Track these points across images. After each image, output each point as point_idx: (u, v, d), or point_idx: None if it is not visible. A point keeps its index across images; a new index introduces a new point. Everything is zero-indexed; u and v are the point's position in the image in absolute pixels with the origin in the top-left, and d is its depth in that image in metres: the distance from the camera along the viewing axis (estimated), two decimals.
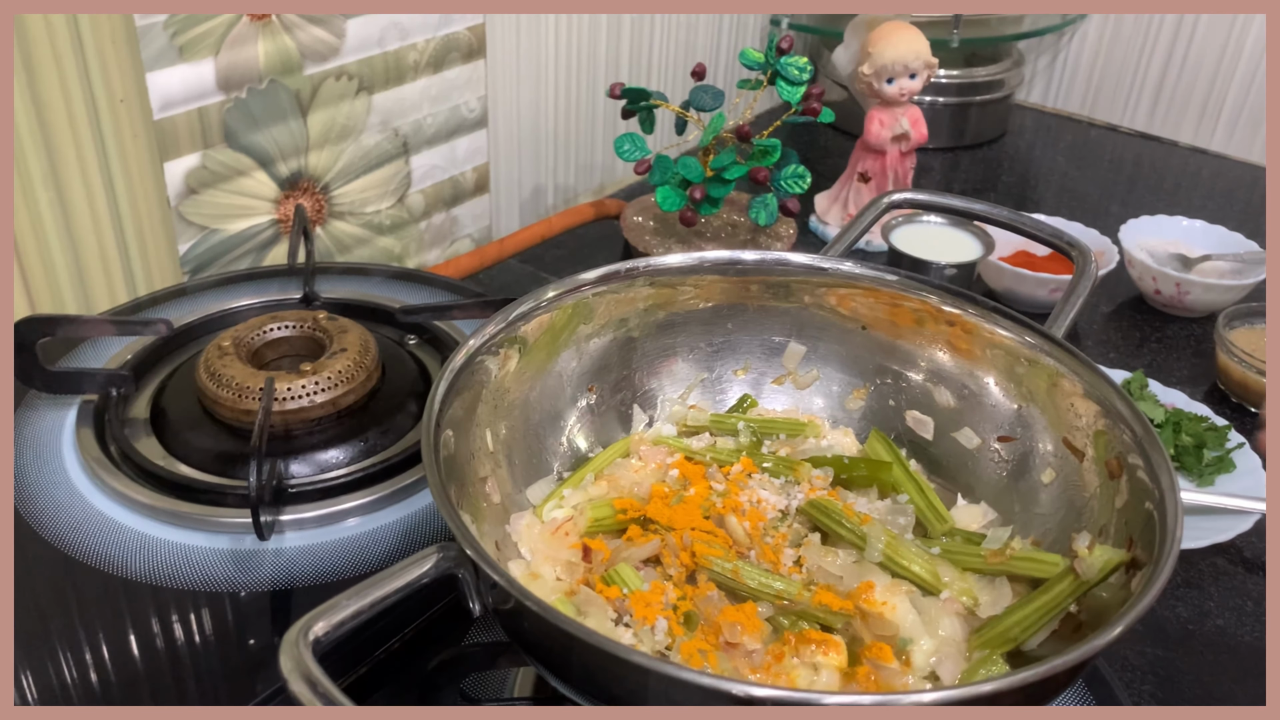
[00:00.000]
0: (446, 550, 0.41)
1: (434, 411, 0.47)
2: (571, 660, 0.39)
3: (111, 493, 0.61)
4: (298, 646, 0.35)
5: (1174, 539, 0.42)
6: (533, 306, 0.56)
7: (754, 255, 0.59)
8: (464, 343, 0.52)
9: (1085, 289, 0.60)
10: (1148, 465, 0.47)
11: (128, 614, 0.55)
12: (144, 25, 0.76)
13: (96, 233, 0.79)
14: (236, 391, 0.64)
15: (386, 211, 1.00)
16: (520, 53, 1.06)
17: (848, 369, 0.62)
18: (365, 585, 0.39)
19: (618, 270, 0.58)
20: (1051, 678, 0.38)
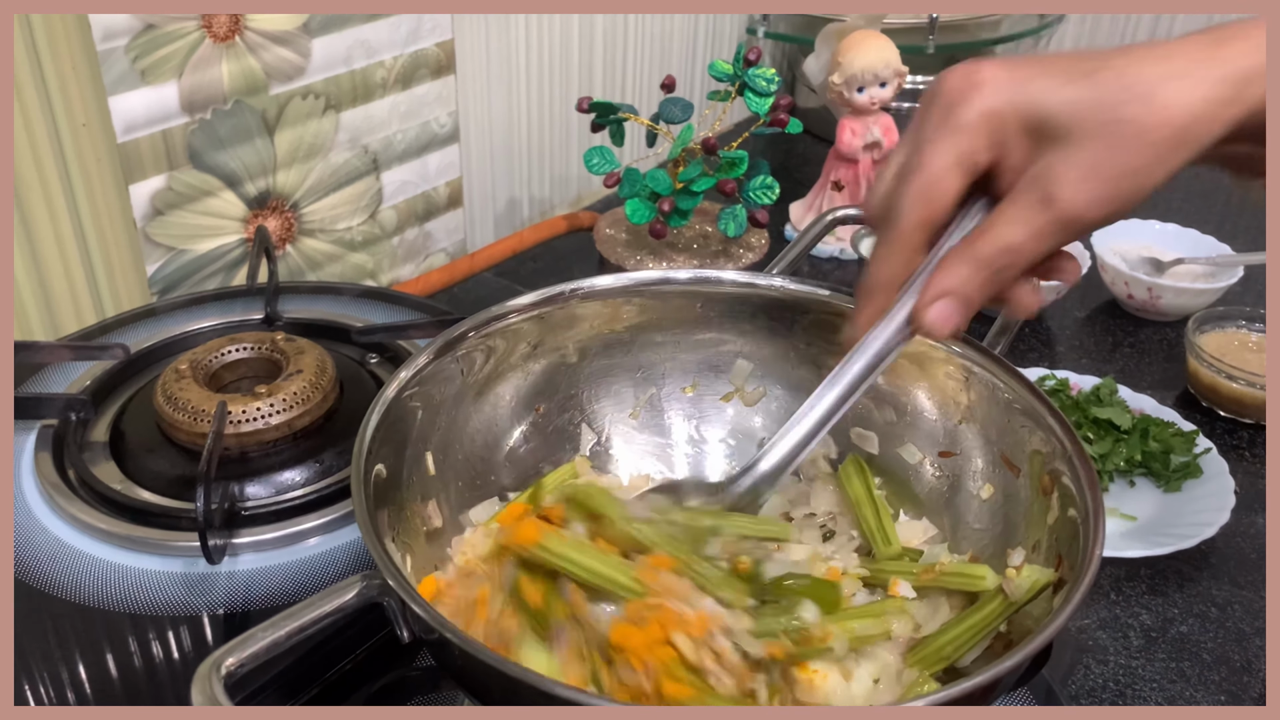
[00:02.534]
0: (370, 579, 0.41)
1: (364, 445, 0.48)
2: (493, 690, 0.39)
3: (67, 517, 0.62)
4: (209, 680, 0.35)
5: (1093, 558, 0.42)
6: (468, 330, 0.56)
7: (686, 274, 0.59)
8: (395, 374, 0.52)
9: None
10: (1076, 483, 0.47)
11: (80, 639, 0.55)
12: (105, 49, 0.76)
13: (62, 257, 0.80)
14: (192, 415, 0.64)
15: (358, 228, 1.00)
16: (491, 68, 1.07)
17: (792, 385, 0.62)
18: (282, 616, 0.39)
19: (551, 294, 0.58)
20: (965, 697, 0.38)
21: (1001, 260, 0.44)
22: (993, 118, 0.43)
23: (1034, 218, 0.43)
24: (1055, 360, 0.98)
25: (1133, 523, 0.78)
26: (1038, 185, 0.43)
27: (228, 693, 0.35)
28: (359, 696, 0.54)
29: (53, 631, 0.56)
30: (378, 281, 1.04)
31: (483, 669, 0.37)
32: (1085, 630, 0.70)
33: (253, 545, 0.61)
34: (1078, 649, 0.69)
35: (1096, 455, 0.81)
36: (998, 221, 0.44)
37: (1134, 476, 0.82)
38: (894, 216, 0.46)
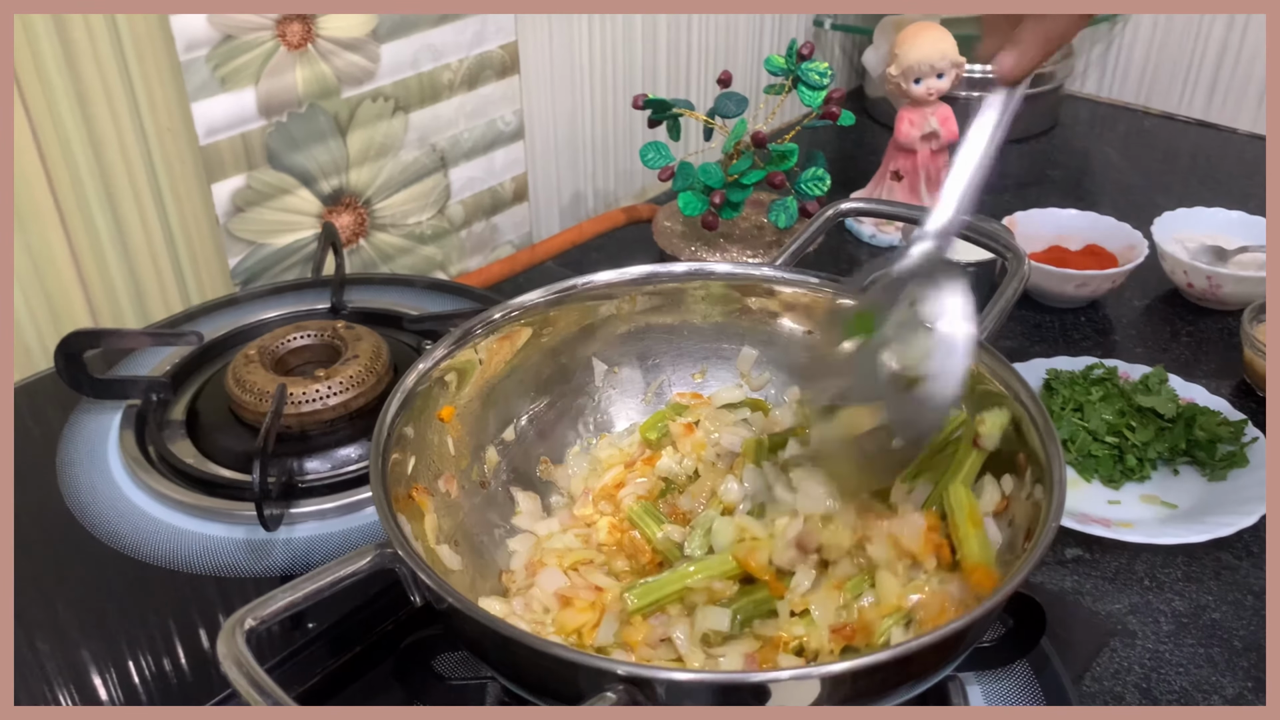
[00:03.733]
0: (384, 548, 0.46)
1: (383, 428, 0.52)
2: (487, 650, 0.43)
3: (147, 489, 0.68)
4: (232, 635, 0.40)
5: (1051, 523, 0.45)
6: (482, 323, 0.61)
7: (683, 266, 0.63)
8: (415, 364, 0.57)
9: (1013, 291, 0.61)
10: (1046, 460, 0.49)
11: (155, 597, 0.62)
12: (187, 59, 0.83)
13: (151, 251, 0.87)
14: (258, 396, 0.70)
15: (427, 222, 1.06)
16: (554, 67, 1.11)
17: (795, 372, 0.65)
18: (301, 580, 0.44)
19: (561, 289, 0.62)
20: (941, 643, 0.40)
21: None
22: None
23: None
24: (1111, 349, 0.98)
25: (1173, 510, 0.79)
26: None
27: (250, 647, 0.40)
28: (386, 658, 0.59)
29: (136, 590, 0.62)
30: (447, 273, 1.09)
31: (477, 628, 0.41)
32: (1114, 615, 0.71)
33: (311, 515, 0.66)
34: (1105, 632, 0.70)
35: (1138, 443, 0.82)
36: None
37: (1178, 465, 0.82)
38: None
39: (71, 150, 0.79)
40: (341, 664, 0.58)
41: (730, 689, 0.40)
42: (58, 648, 0.58)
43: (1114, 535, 0.74)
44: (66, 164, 0.79)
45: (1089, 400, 0.85)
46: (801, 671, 0.40)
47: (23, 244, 0.79)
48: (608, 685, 0.38)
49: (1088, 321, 1.01)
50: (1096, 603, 0.72)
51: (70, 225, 0.81)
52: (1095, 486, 0.81)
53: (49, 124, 0.77)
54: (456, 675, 0.57)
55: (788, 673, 0.40)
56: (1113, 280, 1.00)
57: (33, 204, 0.79)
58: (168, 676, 0.56)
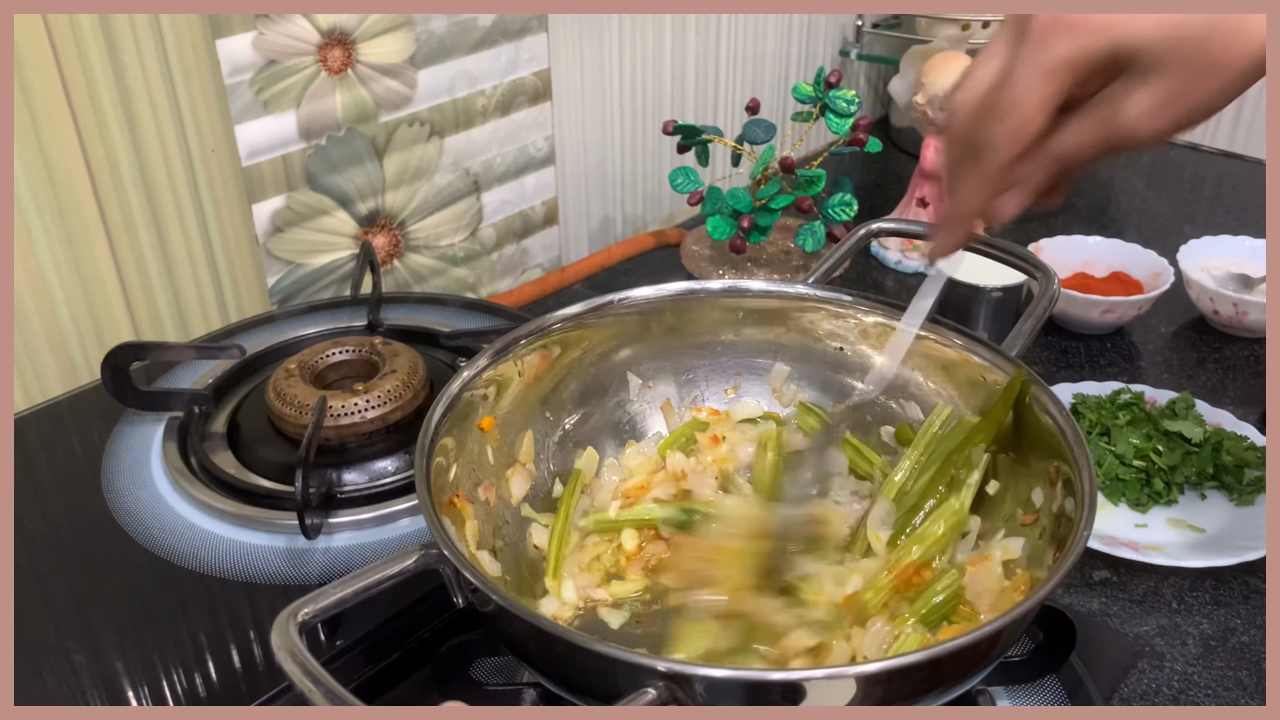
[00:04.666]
0: (429, 548, 0.47)
1: (429, 432, 0.54)
2: (530, 649, 0.44)
3: (189, 498, 0.69)
4: (286, 626, 0.41)
5: (1084, 533, 0.45)
6: (523, 335, 0.62)
7: (719, 284, 0.64)
8: (459, 372, 0.58)
9: (1044, 309, 0.62)
10: (1077, 475, 0.50)
11: (198, 602, 0.63)
12: (232, 83, 0.85)
13: (193, 268, 0.89)
14: (298, 409, 0.71)
15: (460, 244, 1.08)
16: (585, 94, 1.13)
17: (826, 388, 0.66)
18: (351, 576, 0.45)
19: (598, 303, 0.64)
20: (973, 646, 0.41)
21: (1060, 163, 0.50)
22: (1082, 59, 0.46)
23: (1096, 132, 0.48)
24: (1137, 375, 0.98)
25: (1200, 534, 0.79)
26: (1107, 108, 0.47)
27: (306, 637, 0.41)
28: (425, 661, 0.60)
29: (176, 595, 0.63)
30: (477, 294, 1.11)
31: (521, 626, 0.42)
32: (1142, 637, 0.71)
33: (349, 525, 0.68)
34: (1133, 654, 0.70)
35: (1165, 467, 0.82)
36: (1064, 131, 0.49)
37: (1205, 489, 0.83)
38: (984, 151, 0.50)
39: (119, 169, 0.82)
40: (380, 670, 0.59)
41: (767, 687, 0.41)
42: (97, 652, 0.59)
43: (1142, 558, 0.75)
44: (114, 182, 0.82)
45: (1116, 424, 0.85)
46: (837, 670, 0.41)
47: (70, 260, 0.82)
48: (648, 682, 0.39)
49: (1114, 348, 1.02)
50: (1124, 624, 0.72)
51: (116, 242, 0.84)
52: (1122, 510, 0.82)
53: (99, 143, 0.80)
54: (493, 681, 0.58)
55: (823, 671, 0.41)
56: (1139, 307, 1.00)
57: (81, 221, 0.81)
58: (210, 681, 0.58)
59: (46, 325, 0.82)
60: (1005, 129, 0.48)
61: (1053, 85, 0.47)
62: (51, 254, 0.81)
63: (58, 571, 0.65)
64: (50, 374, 0.84)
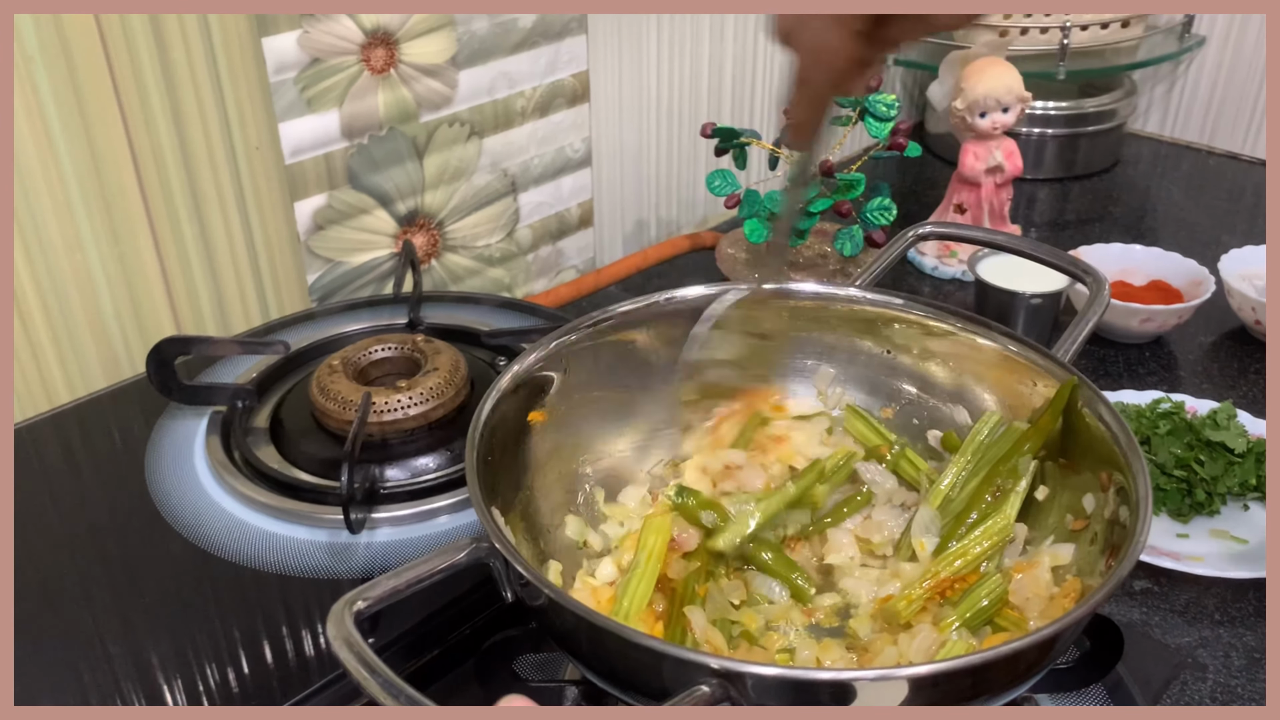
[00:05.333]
0: (480, 542, 0.47)
1: (478, 425, 0.54)
2: (580, 644, 0.44)
3: (233, 492, 0.70)
4: (342, 616, 0.42)
5: (1140, 539, 0.45)
6: (572, 332, 0.63)
7: (771, 285, 0.64)
8: (509, 366, 0.59)
9: (1095, 314, 0.62)
10: (1131, 481, 0.50)
11: (241, 596, 0.63)
12: (276, 81, 0.86)
13: (234, 264, 0.90)
14: (341, 404, 0.72)
15: (496, 245, 1.08)
16: (623, 97, 1.13)
17: (874, 390, 0.66)
18: (404, 567, 0.45)
19: (652, 300, 0.64)
20: (1022, 652, 0.41)
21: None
22: None
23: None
24: (1177, 384, 0.97)
25: (1244, 545, 0.78)
26: None
27: (358, 628, 0.41)
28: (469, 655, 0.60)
29: (218, 588, 0.64)
30: (513, 294, 1.11)
31: (571, 620, 0.42)
32: (1184, 648, 0.71)
33: (390, 520, 0.68)
34: (1176, 665, 0.69)
35: (1208, 477, 0.81)
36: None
37: (1248, 500, 0.82)
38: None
39: (165, 164, 0.82)
40: (422, 665, 0.59)
41: (817, 686, 0.41)
42: (139, 645, 0.59)
43: (1184, 568, 0.74)
44: (159, 177, 0.83)
45: (1156, 434, 0.85)
46: (888, 672, 0.41)
47: (114, 254, 0.82)
48: (700, 679, 0.39)
49: (1153, 357, 1.01)
50: (1166, 635, 0.72)
51: (160, 237, 0.84)
52: (1163, 520, 0.81)
53: (145, 138, 0.81)
54: (535, 678, 0.58)
55: (873, 672, 0.41)
56: (1179, 316, 0.99)
57: (126, 215, 0.82)
58: (250, 674, 0.58)
59: (90, 318, 0.83)
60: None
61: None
62: (97, 247, 0.81)
63: (101, 564, 0.65)
64: (94, 367, 0.84)
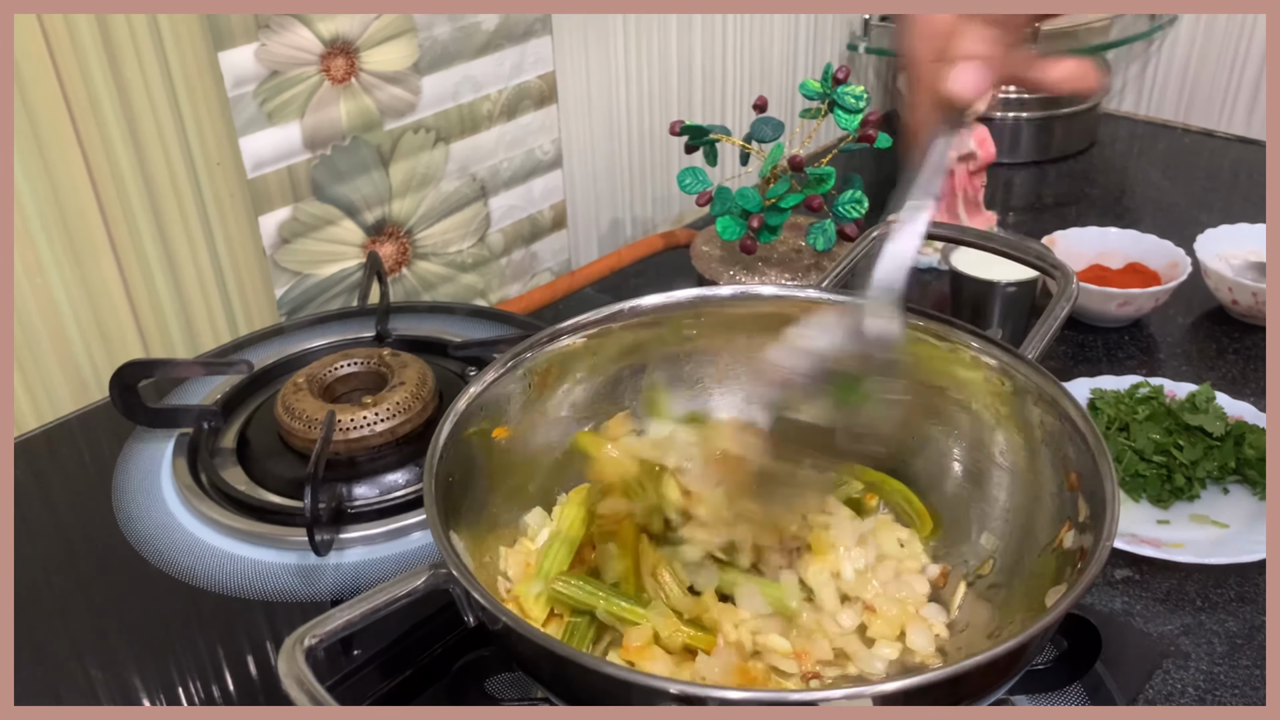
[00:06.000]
0: (438, 568, 0.46)
1: (436, 451, 0.53)
2: (541, 670, 0.44)
3: (199, 515, 0.69)
4: (293, 653, 0.41)
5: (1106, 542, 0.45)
6: (530, 348, 0.62)
7: (729, 290, 0.63)
8: (465, 388, 0.58)
9: (1063, 309, 0.61)
10: (1096, 477, 0.49)
11: (208, 621, 0.62)
12: (235, 95, 0.84)
13: (200, 282, 0.89)
14: (307, 423, 0.71)
15: (468, 251, 1.07)
16: (591, 96, 1.12)
17: None
18: (358, 600, 0.45)
19: (607, 314, 0.63)
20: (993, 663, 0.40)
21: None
22: None
23: None
24: (1156, 367, 0.97)
25: (1224, 530, 0.78)
26: None
27: (309, 664, 0.41)
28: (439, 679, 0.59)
29: (186, 614, 0.63)
30: (487, 300, 1.10)
31: (530, 648, 0.41)
32: (1166, 636, 0.70)
33: (360, 540, 0.67)
34: (1158, 654, 0.69)
35: (1187, 462, 0.81)
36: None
37: (1228, 484, 0.81)
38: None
39: (125, 185, 0.81)
40: (394, 686, 0.59)
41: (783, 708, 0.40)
42: (110, 671, 0.59)
43: (1164, 556, 0.73)
44: (120, 198, 0.81)
45: (1135, 419, 0.84)
46: (854, 691, 0.40)
47: (78, 276, 0.81)
48: (659, 703, 0.39)
49: (1131, 340, 1.00)
50: (1148, 624, 0.71)
51: (123, 258, 0.83)
52: (1144, 506, 0.80)
53: (103, 158, 0.80)
54: (508, 696, 0.57)
55: (841, 692, 0.40)
56: (1156, 298, 0.99)
57: (88, 237, 0.81)
58: (218, 697, 0.57)
59: (56, 343, 0.82)
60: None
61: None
62: (59, 271, 0.80)
63: (71, 591, 0.65)
64: (61, 392, 0.84)
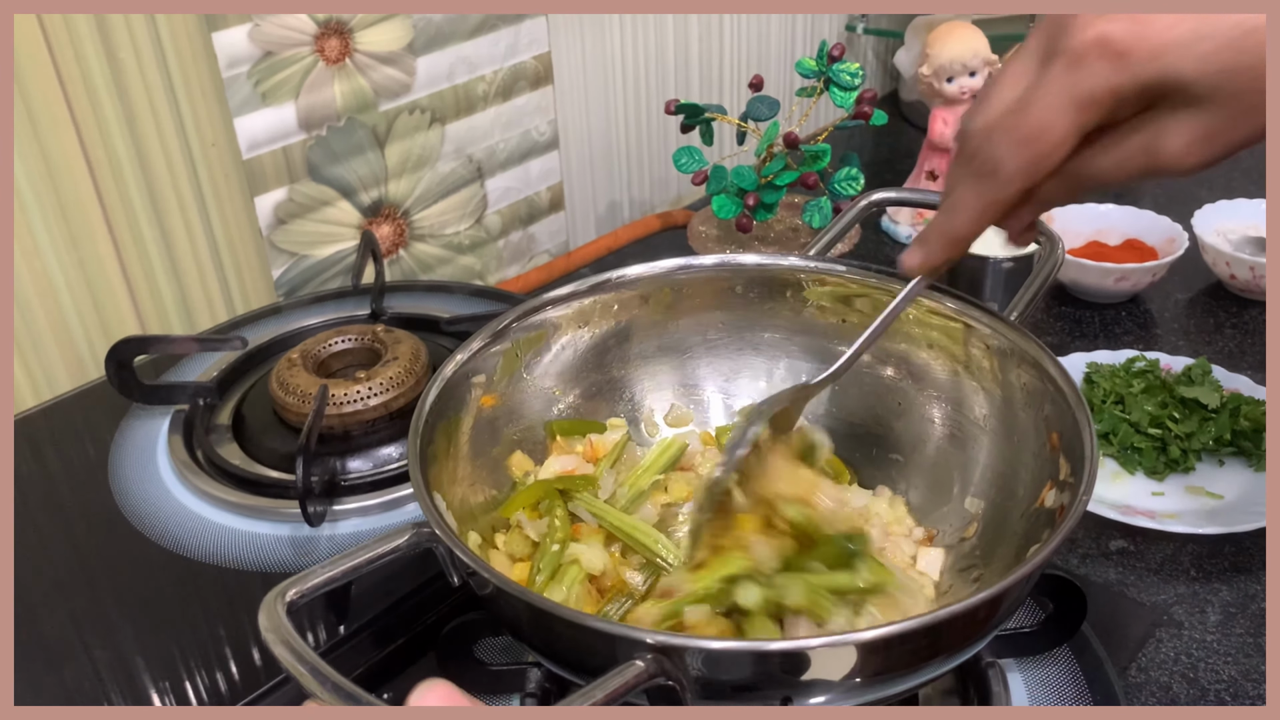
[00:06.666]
0: (421, 528, 0.47)
1: (422, 413, 0.53)
2: (524, 627, 0.44)
3: (195, 490, 0.70)
4: (274, 607, 0.41)
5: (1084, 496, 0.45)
6: (515, 317, 0.63)
7: (712, 259, 0.64)
8: (452, 354, 0.59)
9: (1047, 275, 0.61)
10: (1075, 432, 0.49)
11: (205, 593, 0.63)
12: (229, 76, 0.85)
13: (197, 262, 0.89)
14: (301, 398, 0.71)
15: (465, 232, 1.07)
16: (587, 76, 1.12)
17: (825, 359, 0.65)
18: (339, 556, 0.45)
19: (593, 283, 0.64)
20: (970, 612, 0.41)
21: (1086, 185, 0.46)
22: (1121, 91, 0.42)
23: (1131, 161, 0.44)
24: (1153, 342, 0.97)
25: (1219, 501, 0.78)
26: (1143, 135, 0.43)
27: (290, 618, 0.41)
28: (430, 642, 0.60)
29: (183, 587, 0.63)
30: (485, 282, 1.11)
31: (513, 603, 0.42)
32: (1160, 606, 0.70)
33: (354, 512, 0.67)
34: (1151, 623, 0.69)
35: (1182, 434, 0.81)
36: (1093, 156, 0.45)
37: (1224, 456, 0.81)
38: (995, 173, 0.45)
39: (120, 167, 0.82)
40: (386, 654, 0.59)
41: (764, 657, 0.40)
42: (110, 644, 0.59)
43: (1159, 526, 0.74)
44: (115, 181, 0.82)
45: (1130, 392, 0.84)
46: (836, 639, 0.41)
47: (74, 258, 0.82)
48: (637, 654, 0.39)
49: (1129, 316, 1.00)
50: (1142, 594, 0.71)
51: (120, 239, 0.84)
52: (1139, 479, 0.80)
53: (99, 142, 0.80)
54: (497, 661, 0.57)
55: (820, 640, 0.40)
56: (1153, 273, 0.99)
57: (84, 219, 0.81)
58: (217, 669, 0.58)
59: (53, 323, 0.83)
60: (1024, 156, 0.44)
61: (1086, 116, 0.42)
62: (56, 253, 0.81)
63: (70, 568, 0.65)
64: (58, 371, 0.84)
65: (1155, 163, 0.43)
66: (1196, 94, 0.41)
